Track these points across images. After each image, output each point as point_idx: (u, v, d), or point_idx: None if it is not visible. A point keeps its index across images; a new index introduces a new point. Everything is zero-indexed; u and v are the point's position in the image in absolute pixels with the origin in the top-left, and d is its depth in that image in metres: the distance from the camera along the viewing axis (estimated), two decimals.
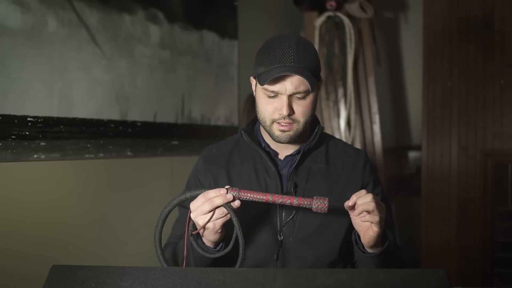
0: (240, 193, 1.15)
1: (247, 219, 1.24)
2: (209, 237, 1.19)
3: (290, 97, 1.24)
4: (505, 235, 3.08)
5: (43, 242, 1.67)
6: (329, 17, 3.01)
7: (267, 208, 1.30)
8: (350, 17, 3.01)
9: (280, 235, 1.29)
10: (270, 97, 1.26)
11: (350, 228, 1.31)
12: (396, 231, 3.30)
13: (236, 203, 1.15)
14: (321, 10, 3.05)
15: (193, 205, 1.17)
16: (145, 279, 1.04)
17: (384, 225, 1.16)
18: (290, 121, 1.26)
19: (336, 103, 3.06)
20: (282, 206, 1.29)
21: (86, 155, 1.85)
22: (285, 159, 1.35)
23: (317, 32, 3.01)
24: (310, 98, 1.27)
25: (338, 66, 3.02)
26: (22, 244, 1.60)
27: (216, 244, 1.21)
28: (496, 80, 3.12)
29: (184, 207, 1.39)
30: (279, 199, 1.15)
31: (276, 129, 1.28)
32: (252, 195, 1.15)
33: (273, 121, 1.27)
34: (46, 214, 1.69)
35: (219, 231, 1.17)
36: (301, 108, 1.26)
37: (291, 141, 1.29)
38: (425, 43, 3.28)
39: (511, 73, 3.10)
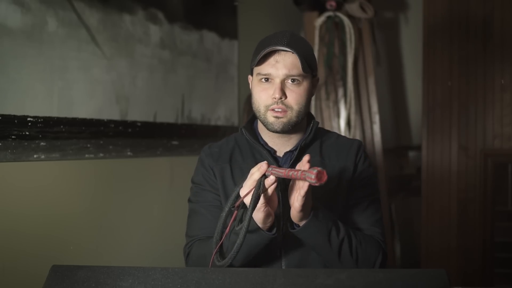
0: (272, 169, 1.14)
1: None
2: (255, 216, 1.17)
3: (283, 82, 1.27)
4: (505, 235, 3.08)
5: (43, 242, 1.67)
6: (329, 17, 3.01)
7: None
8: (350, 17, 3.01)
9: (282, 230, 1.30)
10: (263, 83, 1.29)
11: (348, 215, 1.34)
12: (396, 231, 3.30)
13: (270, 179, 1.13)
14: (321, 10, 3.05)
15: (242, 191, 1.18)
16: (145, 279, 1.04)
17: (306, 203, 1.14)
18: (283, 106, 1.27)
19: (336, 103, 3.06)
20: (283, 202, 1.29)
21: (86, 155, 1.85)
22: (284, 155, 1.36)
23: (317, 32, 3.01)
24: (303, 86, 1.29)
25: (338, 66, 3.02)
26: (22, 244, 1.60)
27: (269, 228, 1.20)
28: (496, 80, 3.12)
29: (190, 201, 1.41)
30: (290, 172, 1.10)
31: (270, 116, 1.29)
32: (277, 170, 1.13)
33: (267, 109, 1.29)
34: (46, 214, 1.69)
35: (262, 210, 1.15)
36: (294, 94, 1.28)
37: (284, 129, 1.29)
38: (425, 43, 3.28)
39: (511, 73, 3.10)
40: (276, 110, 1.28)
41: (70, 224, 1.79)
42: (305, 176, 1.05)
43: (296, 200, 1.14)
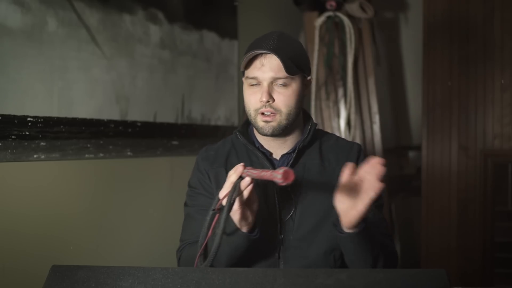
0: (248, 170, 1.15)
1: None
2: (233, 218, 1.17)
3: (271, 85, 1.26)
4: (505, 235, 3.08)
5: (43, 242, 1.67)
6: (329, 17, 3.00)
7: (266, 208, 1.30)
8: (350, 17, 3.01)
9: (280, 233, 1.29)
10: (252, 86, 1.29)
11: None
12: (396, 231, 3.30)
13: (245, 180, 1.13)
14: (321, 10, 3.05)
15: (221, 193, 1.18)
16: (145, 279, 1.04)
17: (370, 209, 1.12)
18: (272, 110, 1.27)
19: (336, 103, 3.05)
20: (281, 205, 1.30)
21: (86, 155, 1.85)
22: (281, 158, 1.35)
23: (317, 32, 3.01)
24: (292, 88, 1.28)
25: (338, 66, 3.01)
26: (22, 244, 1.60)
27: (249, 230, 1.20)
28: (496, 80, 3.12)
29: (186, 205, 1.40)
30: (262, 173, 1.12)
31: (259, 120, 1.29)
32: (252, 172, 1.14)
33: (256, 112, 1.29)
34: (46, 214, 1.69)
35: (239, 211, 1.16)
36: (282, 97, 1.27)
37: (275, 133, 1.29)
38: (425, 43, 3.28)
39: (511, 73, 3.10)
40: (265, 114, 1.27)
41: (70, 224, 1.79)
42: (273, 176, 1.06)
43: (362, 203, 1.10)
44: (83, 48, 1.84)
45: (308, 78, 1.36)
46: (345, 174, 1.13)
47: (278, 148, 1.36)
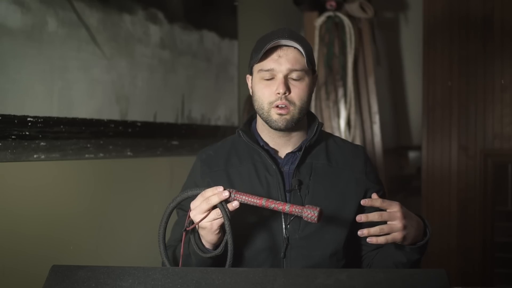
0: (235, 195, 1.15)
1: (252, 218, 1.24)
2: (207, 238, 1.19)
3: (286, 77, 1.27)
4: (505, 235, 3.09)
5: (43, 242, 1.67)
6: (329, 17, 3.01)
7: None
8: (350, 17, 3.01)
9: (286, 232, 1.29)
10: (266, 80, 1.29)
11: (355, 222, 1.32)
12: None
13: (234, 204, 1.15)
14: (321, 10, 3.05)
15: (193, 204, 1.18)
16: (145, 279, 1.04)
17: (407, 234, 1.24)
18: (286, 102, 1.27)
19: (336, 103, 3.05)
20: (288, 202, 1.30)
21: (86, 155, 1.85)
22: (286, 156, 1.35)
23: (317, 32, 3.01)
24: (305, 81, 1.29)
25: (338, 66, 3.02)
26: (22, 244, 1.60)
27: (216, 246, 1.21)
28: (496, 80, 3.12)
29: (182, 209, 1.39)
30: (271, 204, 1.13)
31: (274, 113, 1.28)
32: (246, 198, 1.14)
33: (270, 105, 1.28)
34: (46, 214, 1.69)
35: (217, 232, 1.17)
36: (297, 90, 1.28)
37: (288, 126, 1.29)
38: (425, 43, 3.29)
39: (511, 73, 3.10)
40: (280, 106, 1.27)
41: (70, 224, 1.79)
42: (301, 214, 1.12)
43: (393, 239, 1.22)
44: (83, 48, 1.84)
45: (316, 74, 1.37)
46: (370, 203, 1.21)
47: (283, 146, 1.35)
